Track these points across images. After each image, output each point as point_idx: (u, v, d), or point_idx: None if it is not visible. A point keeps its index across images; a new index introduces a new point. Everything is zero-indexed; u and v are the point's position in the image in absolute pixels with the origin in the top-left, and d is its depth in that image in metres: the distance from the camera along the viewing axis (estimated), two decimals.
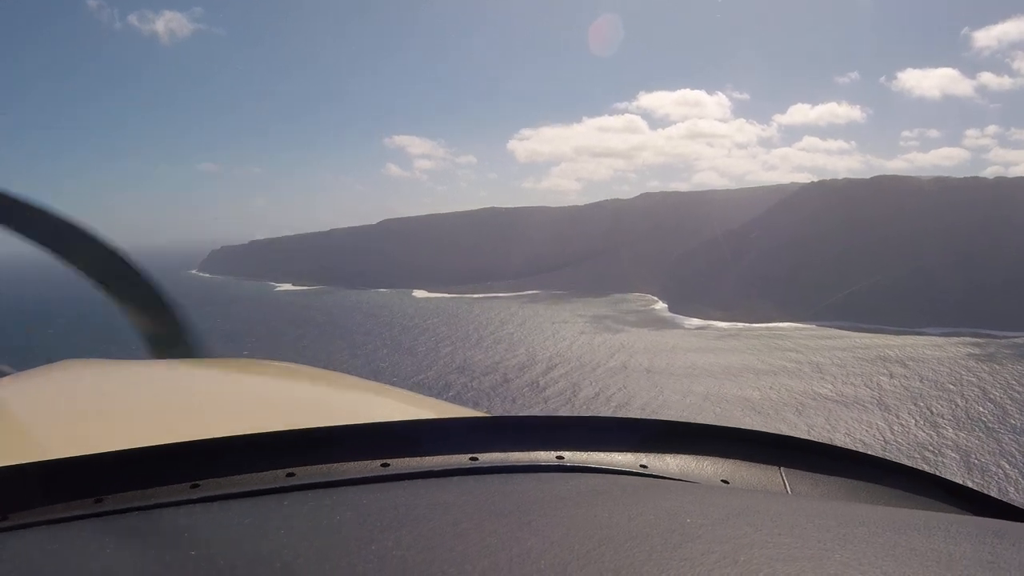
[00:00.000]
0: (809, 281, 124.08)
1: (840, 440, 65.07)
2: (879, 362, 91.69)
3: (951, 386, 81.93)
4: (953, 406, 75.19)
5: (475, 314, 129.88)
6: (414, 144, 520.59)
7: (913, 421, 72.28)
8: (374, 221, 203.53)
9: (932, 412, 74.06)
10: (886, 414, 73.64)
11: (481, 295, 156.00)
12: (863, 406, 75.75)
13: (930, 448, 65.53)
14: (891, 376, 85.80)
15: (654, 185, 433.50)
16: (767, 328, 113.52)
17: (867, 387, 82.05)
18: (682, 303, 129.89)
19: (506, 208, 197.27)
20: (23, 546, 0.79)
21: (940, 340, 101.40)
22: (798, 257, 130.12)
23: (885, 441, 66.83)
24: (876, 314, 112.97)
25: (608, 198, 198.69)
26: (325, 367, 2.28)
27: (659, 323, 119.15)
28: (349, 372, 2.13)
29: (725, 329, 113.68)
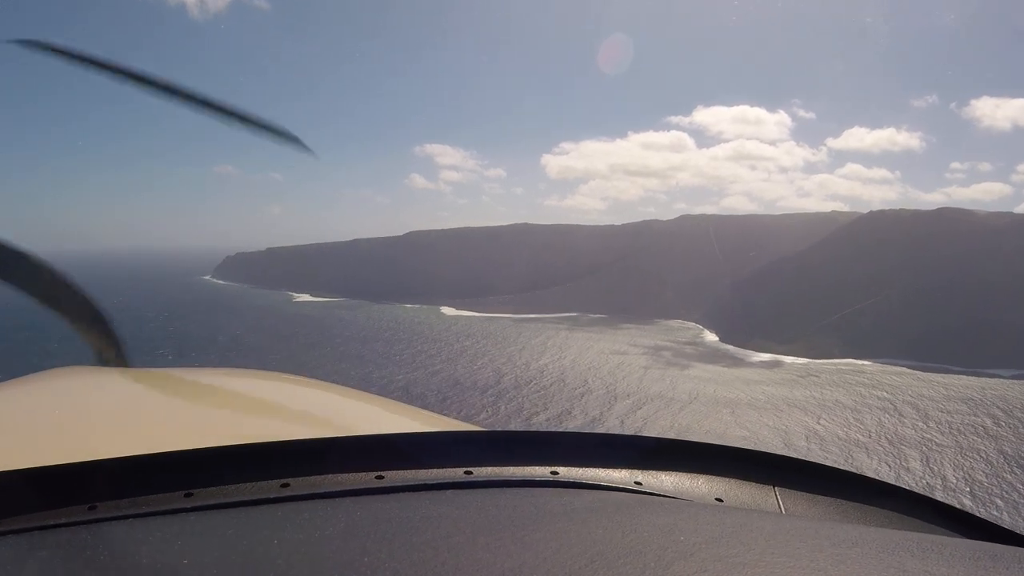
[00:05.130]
0: (864, 316, 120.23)
1: (998, 508, 60.59)
2: (971, 405, 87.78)
3: None
4: None
5: (524, 337, 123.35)
6: (446, 153, 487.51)
7: None
8: (398, 232, 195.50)
9: None
10: (1014, 467, 69.58)
11: (517, 315, 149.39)
12: (988, 461, 71.24)
13: None
14: (995, 422, 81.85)
15: (681, 207, 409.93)
16: (834, 364, 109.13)
17: (976, 435, 77.95)
18: (733, 334, 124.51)
19: (538, 225, 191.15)
20: (16, 552, 0.79)
21: (1016, 384, 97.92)
22: (850, 290, 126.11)
23: None
24: (939, 353, 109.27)
25: (634, 220, 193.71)
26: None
27: (722, 357, 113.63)
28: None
29: (791, 364, 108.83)
